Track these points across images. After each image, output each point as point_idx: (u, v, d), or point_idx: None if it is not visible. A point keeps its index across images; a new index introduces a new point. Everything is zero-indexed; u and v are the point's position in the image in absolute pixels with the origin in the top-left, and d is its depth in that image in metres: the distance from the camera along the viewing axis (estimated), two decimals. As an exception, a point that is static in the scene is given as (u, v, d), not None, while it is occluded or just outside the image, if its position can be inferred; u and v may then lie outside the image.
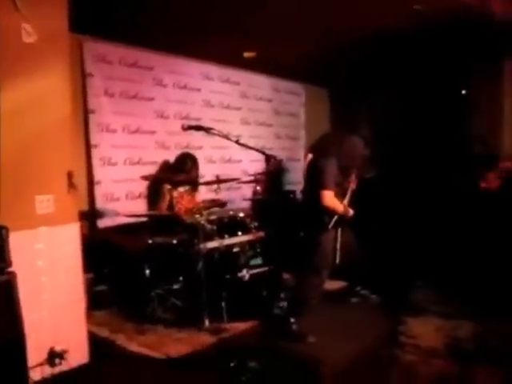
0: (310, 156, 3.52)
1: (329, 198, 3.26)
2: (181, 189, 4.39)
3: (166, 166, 4.76)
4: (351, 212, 3.48)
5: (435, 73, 5.90)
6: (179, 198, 4.34)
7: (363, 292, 3.94)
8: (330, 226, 3.34)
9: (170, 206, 4.30)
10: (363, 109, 6.44)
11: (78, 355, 2.83)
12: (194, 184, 4.53)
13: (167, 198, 4.28)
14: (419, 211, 5.44)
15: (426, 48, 5.09)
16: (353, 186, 3.65)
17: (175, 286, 3.74)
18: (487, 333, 3.15)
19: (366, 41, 4.72)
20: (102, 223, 4.37)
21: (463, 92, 6.15)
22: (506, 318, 3.32)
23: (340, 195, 3.44)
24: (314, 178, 3.33)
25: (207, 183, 4.39)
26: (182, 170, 4.43)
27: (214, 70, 5.56)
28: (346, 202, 3.50)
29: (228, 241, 3.83)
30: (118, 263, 4.09)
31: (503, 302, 3.53)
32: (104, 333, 3.41)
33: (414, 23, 4.19)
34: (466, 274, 4.23)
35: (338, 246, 3.39)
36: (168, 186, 4.31)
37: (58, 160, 2.75)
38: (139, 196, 4.67)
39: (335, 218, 3.35)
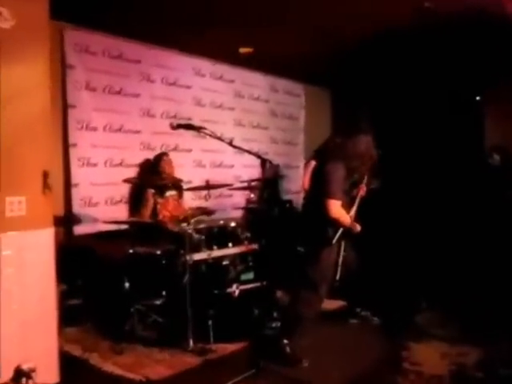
0: (313, 163, 3.54)
1: (336, 208, 3.23)
2: (166, 194, 4.39)
3: (147, 168, 4.77)
4: (358, 227, 3.46)
5: (447, 76, 5.97)
6: (164, 203, 4.35)
7: (363, 313, 3.94)
8: (333, 241, 3.31)
9: (154, 213, 4.31)
10: (369, 113, 6.50)
11: (47, 375, 2.79)
12: (180, 189, 4.55)
13: (151, 203, 4.29)
14: (425, 227, 5.49)
15: (436, 48, 5.15)
16: (362, 193, 3.65)
17: (157, 302, 3.72)
18: (497, 360, 3.16)
19: (372, 38, 4.78)
20: (79, 230, 4.35)
21: (477, 98, 6.24)
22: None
23: (347, 205, 3.43)
24: (319, 186, 3.33)
25: (196, 189, 4.40)
26: (160, 171, 4.47)
27: (206, 65, 5.60)
28: (353, 212, 3.50)
29: (217, 252, 3.83)
30: (95, 274, 4.07)
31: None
32: (77, 351, 3.38)
33: (425, 21, 4.26)
34: (474, 296, 4.26)
35: (340, 262, 3.38)
36: (152, 191, 4.32)
37: (33, 158, 2.74)
38: (120, 201, 4.67)
39: (340, 231, 3.33)
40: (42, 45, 2.79)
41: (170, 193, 4.45)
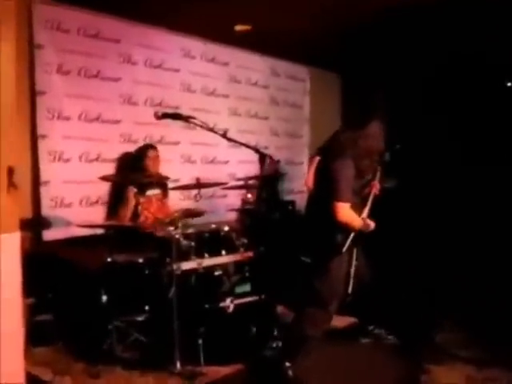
0: (317, 158, 3.53)
1: (344, 211, 3.22)
2: (148, 193, 4.39)
3: (128, 163, 4.76)
4: (372, 225, 3.44)
5: (474, 57, 5.96)
6: (146, 204, 4.35)
7: (377, 331, 3.94)
8: (343, 249, 3.31)
9: (135, 215, 4.31)
10: (384, 100, 6.50)
11: (11, 403, 2.79)
12: (165, 188, 4.54)
13: (132, 204, 4.29)
14: (448, 234, 5.50)
15: (463, 24, 5.11)
16: (375, 191, 3.65)
17: (139, 318, 3.72)
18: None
19: (389, 12, 4.73)
20: (49, 235, 4.35)
21: (509, 84, 6.24)
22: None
23: (358, 206, 3.42)
24: (325, 187, 3.33)
25: (185, 188, 4.40)
26: (143, 166, 4.48)
27: (196, 46, 5.60)
28: (365, 214, 3.49)
29: (208, 261, 3.83)
30: (67, 286, 4.08)
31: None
32: (46, 375, 3.37)
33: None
34: (504, 312, 4.27)
35: (353, 272, 3.38)
36: (134, 190, 4.32)
37: (-4, 152, 2.73)
38: (97, 202, 4.68)
39: (351, 236, 3.33)
40: (6, 21, 2.77)
41: (154, 192, 4.46)
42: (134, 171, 4.50)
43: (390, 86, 6.43)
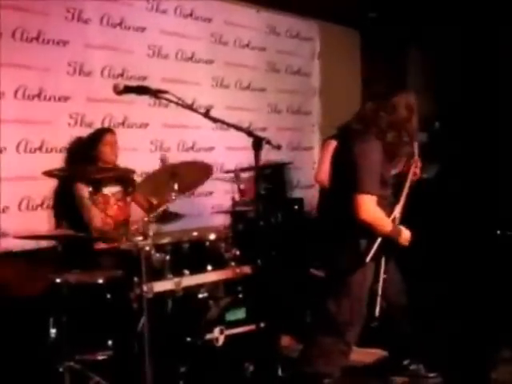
0: (333, 142, 3.56)
1: (370, 207, 3.26)
2: (104, 191, 4.42)
3: (80, 152, 4.78)
4: (407, 234, 3.48)
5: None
6: (102, 205, 4.37)
7: (414, 367, 3.98)
8: (367, 259, 3.35)
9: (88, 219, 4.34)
10: (420, 64, 6.53)
11: None
12: (129, 184, 4.56)
13: (89, 203, 4.27)
14: (503, 238, 5.53)
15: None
16: (413, 177, 3.69)
17: (100, 356, 3.72)
18: None
19: None
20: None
21: None
22: None
23: (388, 204, 3.46)
24: (343, 177, 3.38)
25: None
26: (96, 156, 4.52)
27: (168, -5, 5.62)
28: (397, 212, 3.52)
29: (189, 280, 3.84)
30: (2, 315, 4.08)
31: None
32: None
33: None
34: None
35: (380, 290, 3.40)
36: (87, 188, 4.32)
37: None
38: (41, 204, 4.71)
39: (377, 242, 3.36)
40: None
41: (112, 189, 4.49)
42: (86, 163, 4.50)
43: (425, 46, 6.47)
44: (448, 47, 6.65)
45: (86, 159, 4.55)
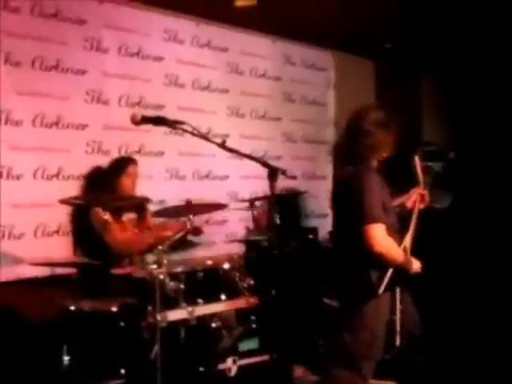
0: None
1: (379, 236, 3.21)
2: (124, 218, 4.43)
3: (98, 180, 4.78)
4: (417, 265, 3.45)
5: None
6: (120, 231, 4.37)
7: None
8: (380, 290, 3.31)
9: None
10: (432, 91, 6.53)
11: None
12: (143, 211, 4.56)
13: (110, 224, 4.23)
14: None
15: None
16: (420, 205, 3.66)
17: (113, 384, 3.74)
18: None
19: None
20: (-7, 275, 4.38)
21: None
22: None
23: (393, 230, 3.42)
24: (347, 208, 3.38)
25: (171, 211, 4.44)
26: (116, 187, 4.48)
27: (185, 26, 5.68)
28: (407, 242, 3.47)
29: (203, 309, 3.81)
30: (16, 344, 4.07)
31: None
32: None
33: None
34: None
35: (398, 321, 3.36)
36: (105, 214, 4.31)
37: None
38: (57, 231, 4.72)
39: (389, 273, 3.31)
40: None
41: (128, 216, 4.49)
42: (104, 192, 4.49)
43: (440, 75, 6.48)
44: (462, 76, 6.66)
45: (106, 188, 4.53)
